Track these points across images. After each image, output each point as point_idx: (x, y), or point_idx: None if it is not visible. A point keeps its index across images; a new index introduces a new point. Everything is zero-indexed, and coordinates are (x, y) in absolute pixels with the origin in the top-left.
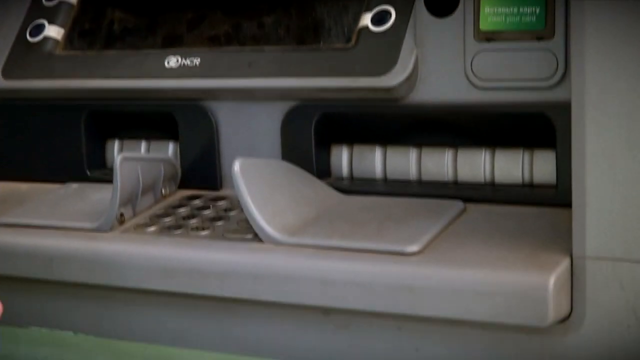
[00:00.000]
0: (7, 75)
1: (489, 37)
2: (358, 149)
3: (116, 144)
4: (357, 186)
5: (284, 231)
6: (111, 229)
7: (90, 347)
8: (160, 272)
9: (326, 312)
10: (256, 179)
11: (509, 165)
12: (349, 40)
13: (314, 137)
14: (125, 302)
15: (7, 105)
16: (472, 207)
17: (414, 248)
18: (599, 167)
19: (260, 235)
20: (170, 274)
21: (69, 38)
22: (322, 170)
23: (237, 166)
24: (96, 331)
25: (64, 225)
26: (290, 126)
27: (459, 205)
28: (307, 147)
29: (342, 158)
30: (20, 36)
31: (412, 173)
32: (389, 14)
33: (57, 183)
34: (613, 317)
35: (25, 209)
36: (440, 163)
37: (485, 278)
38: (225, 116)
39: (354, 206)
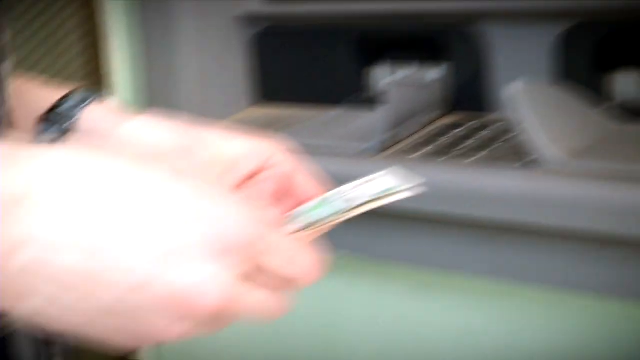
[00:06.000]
0: None
1: None
2: None
3: (381, 68)
4: None
5: (568, 154)
6: (378, 152)
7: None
8: (436, 197)
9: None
10: (535, 102)
11: None
12: None
13: (593, 60)
14: (398, 227)
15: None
16: None
17: None
18: None
19: (543, 157)
20: (443, 198)
21: None
22: (601, 97)
23: (515, 89)
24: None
25: (333, 146)
26: (566, 49)
27: None
28: (584, 72)
29: (627, 83)
30: None
31: None
32: None
33: (319, 108)
34: None
35: (298, 129)
36: None
37: None
38: (495, 39)
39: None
